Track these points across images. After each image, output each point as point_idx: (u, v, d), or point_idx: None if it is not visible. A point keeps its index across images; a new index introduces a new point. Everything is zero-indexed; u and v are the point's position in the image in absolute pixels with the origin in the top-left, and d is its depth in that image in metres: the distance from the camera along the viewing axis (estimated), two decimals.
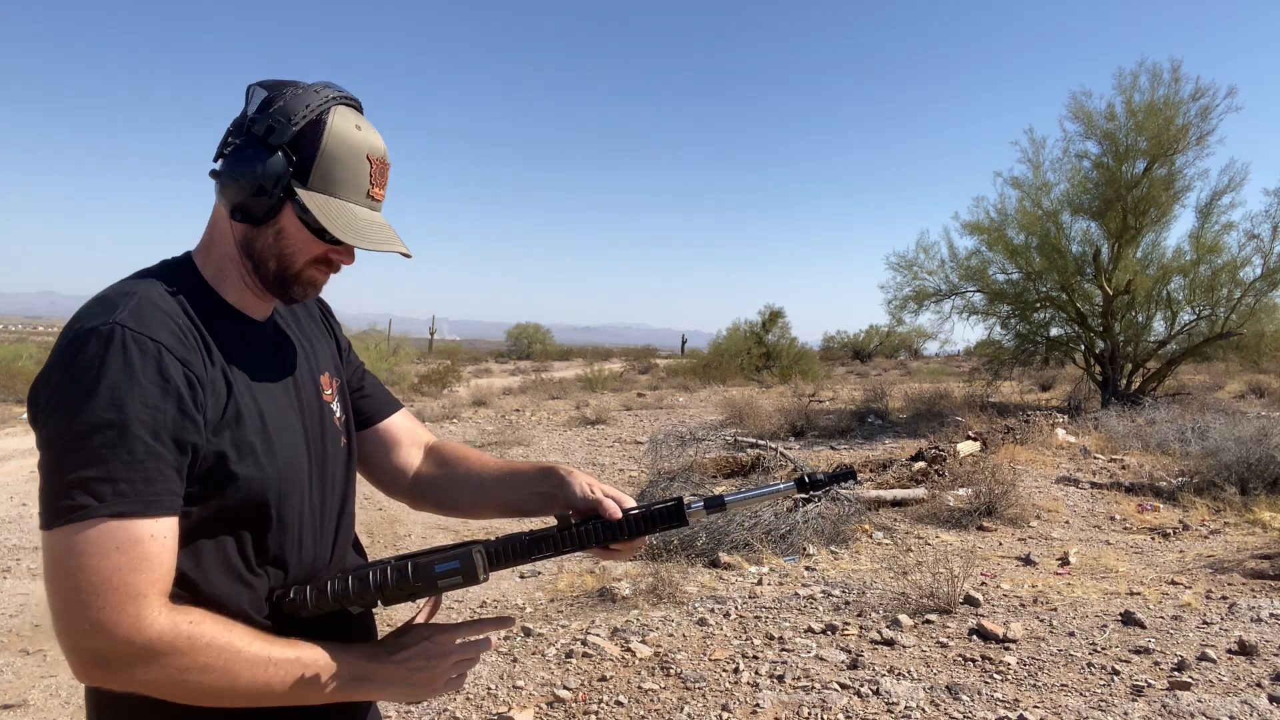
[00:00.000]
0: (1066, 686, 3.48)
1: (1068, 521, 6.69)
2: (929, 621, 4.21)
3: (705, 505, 1.16)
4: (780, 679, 3.55)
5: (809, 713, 3.23)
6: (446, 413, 14.50)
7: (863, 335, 37.95)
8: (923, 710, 3.25)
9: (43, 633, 4.41)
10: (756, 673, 3.62)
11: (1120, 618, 4.23)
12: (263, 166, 1.03)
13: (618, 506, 1.16)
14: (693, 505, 1.15)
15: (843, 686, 3.46)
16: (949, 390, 15.75)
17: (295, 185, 1.04)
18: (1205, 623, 4.18)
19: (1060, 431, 10.07)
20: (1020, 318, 14.49)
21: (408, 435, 1.40)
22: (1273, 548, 5.62)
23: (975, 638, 4.01)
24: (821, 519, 5.98)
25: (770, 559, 5.50)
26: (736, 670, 3.66)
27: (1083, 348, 14.32)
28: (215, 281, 1.11)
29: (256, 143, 1.04)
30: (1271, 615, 4.20)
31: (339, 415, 1.24)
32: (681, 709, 3.30)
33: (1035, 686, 3.49)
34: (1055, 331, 14.66)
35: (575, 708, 3.34)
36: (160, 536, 0.94)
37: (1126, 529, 6.50)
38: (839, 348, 38.35)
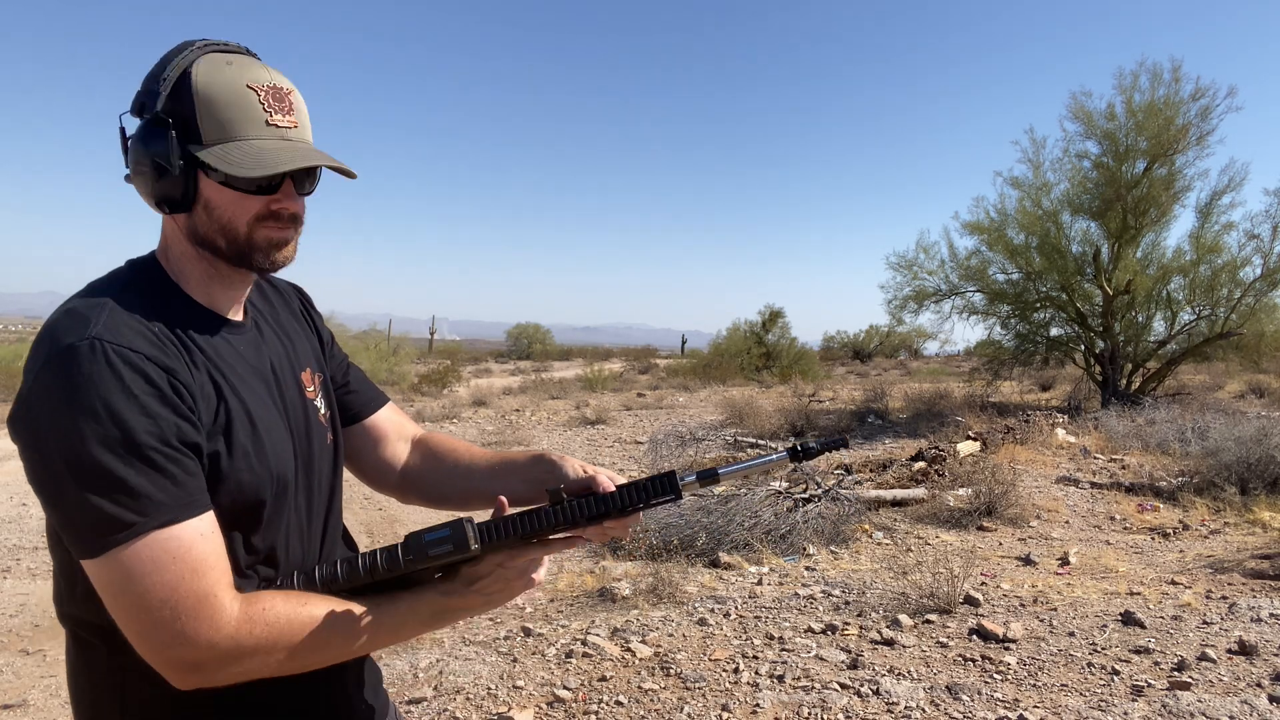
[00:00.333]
0: (1066, 686, 3.48)
1: (1068, 521, 6.69)
2: (929, 621, 4.21)
3: (699, 477, 1.15)
4: (780, 679, 3.55)
5: (809, 713, 3.23)
6: (446, 413, 14.51)
7: (863, 335, 37.94)
8: (923, 710, 3.25)
9: (43, 633, 4.41)
10: (756, 673, 3.62)
11: (1120, 618, 4.23)
12: (148, 144, 1.00)
13: (610, 481, 1.15)
14: (685, 477, 1.14)
15: (843, 686, 3.46)
16: (949, 390, 15.73)
17: (194, 150, 0.99)
18: (1205, 623, 4.18)
19: (1060, 431, 10.07)
20: (1020, 318, 14.50)
21: (395, 429, 1.39)
22: (1273, 548, 5.62)
23: (975, 638, 4.01)
24: (821, 519, 5.98)
25: (770, 559, 5.50)
26: (736, 670, 3.66)
27: (1083, 348, 14.32)
28: (181, 282, 1.08)
29: (140, 127, 1.02)
30: (1271, 615, 4.20)
31: (324, 412, 1.22)
32: (681, 709, 3.30)
33: (1035, 686, 3.49)
34: (1055, 331, 14.68)
35: (575, 708, 3.34)
36: (208, 533, 0.95)
37: (1126, 529, 6.50)
38: (839, 348, 38.33)
